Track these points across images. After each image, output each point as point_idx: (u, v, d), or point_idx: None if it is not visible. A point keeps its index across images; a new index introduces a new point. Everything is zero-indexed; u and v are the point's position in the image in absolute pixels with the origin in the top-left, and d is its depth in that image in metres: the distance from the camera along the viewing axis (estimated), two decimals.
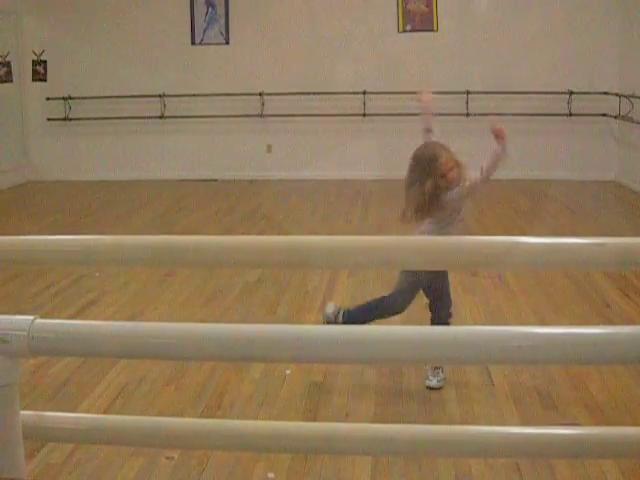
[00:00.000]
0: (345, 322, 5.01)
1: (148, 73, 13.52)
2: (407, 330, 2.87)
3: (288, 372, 5.23)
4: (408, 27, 13.29)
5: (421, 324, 5.04)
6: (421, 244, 2.55)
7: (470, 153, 4.82)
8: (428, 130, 5.07)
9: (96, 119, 13.67)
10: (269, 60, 13.36)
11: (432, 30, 13.27)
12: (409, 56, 13.18)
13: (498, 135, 4.69)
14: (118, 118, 13.59)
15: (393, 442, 3.05)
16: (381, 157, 13.38)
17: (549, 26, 12.98)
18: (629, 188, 12.15)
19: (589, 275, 7.33)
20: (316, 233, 8.86)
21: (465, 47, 13.18)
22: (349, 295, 6.90)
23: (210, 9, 13.55)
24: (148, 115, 13.62)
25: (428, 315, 5.19)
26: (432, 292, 5.16)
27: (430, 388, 5.01)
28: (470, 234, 3.07)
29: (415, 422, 4.47)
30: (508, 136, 4.70)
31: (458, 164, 4.79)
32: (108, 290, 7.19)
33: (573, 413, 4.67)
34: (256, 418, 4.56)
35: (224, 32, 13.55)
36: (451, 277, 7.23)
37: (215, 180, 13.48)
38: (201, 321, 6.06)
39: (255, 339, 2.64)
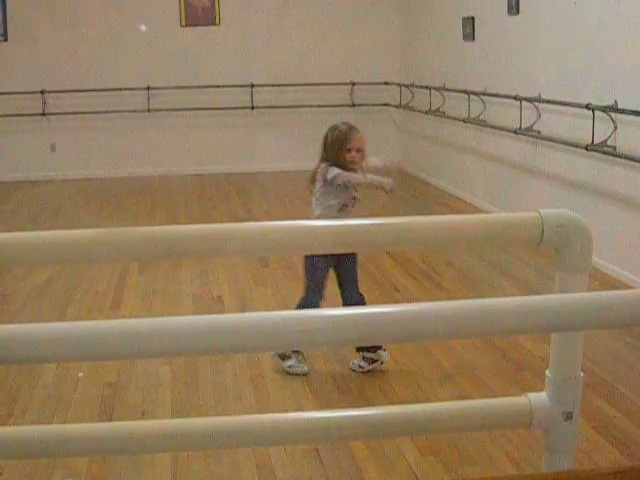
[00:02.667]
0: None
1: None
2: (196, 320, 2.86)
3: (81, 374, 5.09)
4: (190, 21, 13.23)
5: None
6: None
7: (256, 145, 4.86)
8: None
9: None
10: (51, 56, 12.94)
11: (214, 24, 13.28)
12: (192, 50, 13.12)
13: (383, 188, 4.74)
14: None
15: (191, 437, 3.04)
16: (167, 152, 13.30)
17: (333, 20, 13.30)
18: (409, 173, 12.58)
19: (378, 261, 7.51)
20: None
21: (248, 41, 13.25)
22: (140, 292, 6.82)
23: None
24: None
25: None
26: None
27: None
28: None
29: (212, 415, 4.46)
30: (290, 127, 4.81)
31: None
32: None
33: (368, 395, 4.79)
34: (50, 423, 4.43)
35: (2, 28, 13.00)
36: (246, 268, 7.28)
37: None
38: None
39: (44, 339, 2.57)
